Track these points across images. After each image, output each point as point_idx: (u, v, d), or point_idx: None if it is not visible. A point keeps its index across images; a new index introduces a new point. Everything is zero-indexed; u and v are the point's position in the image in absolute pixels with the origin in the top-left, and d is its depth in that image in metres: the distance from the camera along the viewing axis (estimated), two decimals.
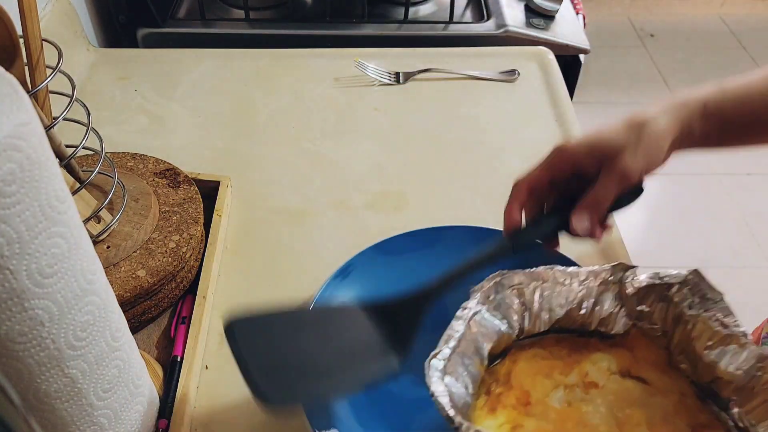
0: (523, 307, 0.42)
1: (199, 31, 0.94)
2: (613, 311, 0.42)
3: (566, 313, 0.42)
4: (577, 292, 0.42)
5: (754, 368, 0.36)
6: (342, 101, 0.81)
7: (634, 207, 0.46)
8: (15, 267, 0.29)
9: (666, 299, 0.40)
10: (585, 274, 0.42)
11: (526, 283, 0.43)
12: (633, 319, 0.42)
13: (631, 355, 0.41)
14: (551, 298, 0.42)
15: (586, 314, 0.42)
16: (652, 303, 0.41)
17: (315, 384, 0.40)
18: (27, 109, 0.29)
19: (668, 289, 0.41)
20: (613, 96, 2.31)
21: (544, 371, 0.41)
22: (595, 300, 0.42)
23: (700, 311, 0.39)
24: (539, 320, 0.42)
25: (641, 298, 0.41)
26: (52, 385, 0.35)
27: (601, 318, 0.42)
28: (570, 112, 0.79)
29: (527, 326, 0.42)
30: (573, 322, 0.43)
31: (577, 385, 0.40)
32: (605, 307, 0.42)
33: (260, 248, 0.63)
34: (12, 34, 0.43)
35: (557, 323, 0.43)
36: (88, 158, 0.60)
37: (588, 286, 0.42)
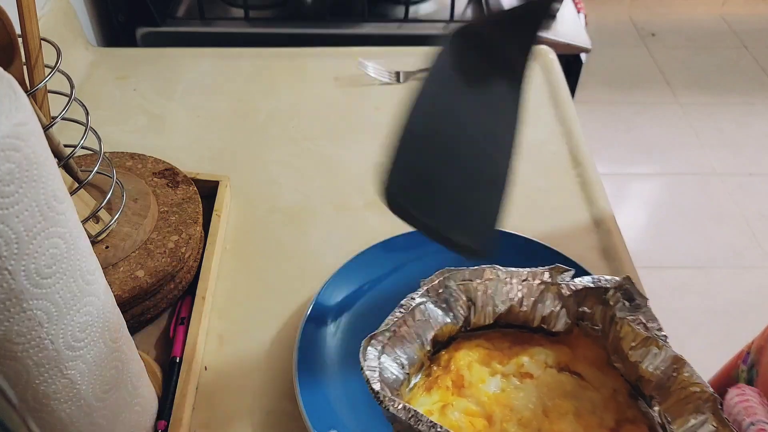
0: (469, 302, 0.45)
1: (199, 30, 0.94)
2: (554, 310, 0.45)
3: (509, 309, 0.45)
4: (517, 290, 0.45)
5: (670, 369, 0.39)
6: (342, 101, 0.80)
7: (633, 205, 0.45)
8: (13, 267, 0.29)
9: (604, 302, 0.43)
10: (525, 274, 0.45)
11: (471, 279, 0.45)
12: (575, 319, 0.44)
13: (571, 352, 0.44)
14: (494, 295, 0.45)
15: (527, 311, 0.45)
16: (592, 305, 0.44)
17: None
18: (25, 109, 0.29)
19: (605, 293, 0.43)
20: (615, 95, 2.31)
21: (483, 359, 0.43)
22: (536, 299, 0.45)
23: (627, 314, 0.42)
24: (484, 314, 0.45)
25: (582, 299, 0.44)
26: (51, 386, 0.35)
27: (543, 315, 0.45)
28: (571, 111, 0.79)
29: (473, 319, 0.45)
30: (516, 318, 0.45)
31: (513, 375, 0.43)
32: (546, 305, 0.45)
33: (260, 248, 0.63)
34: (11, 33, 0.43)
35: (502, 318, 0.45)
36: (86, 158, 0.60)
37: (528, 284, 0.45)
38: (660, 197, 1.95)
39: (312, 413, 0.47)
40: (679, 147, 2.10)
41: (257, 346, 0.55)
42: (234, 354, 0.54)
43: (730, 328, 1.58)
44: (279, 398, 0.51)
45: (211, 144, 0.74)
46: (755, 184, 1.98)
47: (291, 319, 0.56)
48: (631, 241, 0.63)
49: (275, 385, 0.52)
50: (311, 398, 0.48)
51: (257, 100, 0.80)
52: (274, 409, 0.51)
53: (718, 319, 1.61)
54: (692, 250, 1.78)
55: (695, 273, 1.72)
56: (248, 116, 0.78)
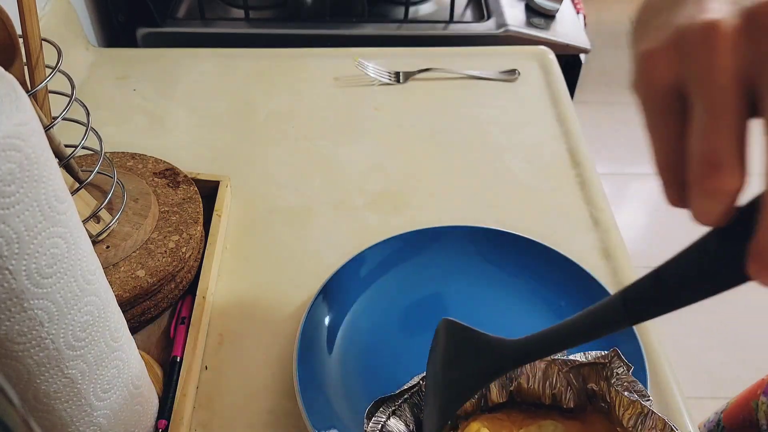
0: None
1: (199, 30, 0.94)
2: (561, 387, 0.45)
3: (519, 386, 0.46)
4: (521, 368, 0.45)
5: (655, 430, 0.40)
6: (342, 101, 0.80)
7: (632, 205, 0.44)
8: (14, 267, 0.29)
9: (606, 378, 0.44)
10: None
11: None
12: (586, 396, 0.45)
13: (584, 427, 0.44)
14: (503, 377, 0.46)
15: (536, 388, 0.45)
16: (598, 381, 0.44)
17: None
18: (26, 109, 0.29)
19: (603, 368, 0.44)
20: (614, 96, 2.31)
21: (494, 428, 0.44)
22: (541, 376, 0.45)
23: (617, 384, 0.42)
24: (497, 391, 0.46)
25: (586, 376, 0.45)
26: (52, 386, 0.35)
27: (552, 393, 0.45)
28: (570, 111, 0.79)
29: (490, 396, 0.46)
30: (529, 394, 0.46)
31: None
32: (553, 383, 0.45)
33: (260, 248, 0.63)
34: (11, 33, 0.43)
35: (517, 396, 0.46)
36: (87, 158, 0.60)
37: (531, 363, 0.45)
38: (659, 197, 1.95)
39: (312, 413, 0.47)
40: None
41: (257, 346, 0.55)
42: (234, 354, 0.54)
43: (729, 328, 1.59)
44: (279, 398, 0.51)
45: (212, 144, 0.74)
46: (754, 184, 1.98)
47: (291, 319, 0.56)
48: (630, 241, 0.63)
49: (275, 385, 0.52)
50: (311, 398, 0.48)
51: (257, 100, 0.80)
52: (274, 408, 0.51)
53: (718, 318, 1.61)
54: None
55: None
56: (248, 116, 0.78)
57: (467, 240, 0.61)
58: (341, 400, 0.50)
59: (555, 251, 0.59)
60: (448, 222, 0.63)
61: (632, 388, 0.41)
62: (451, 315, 0.49)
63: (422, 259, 0.60)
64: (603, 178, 0.70)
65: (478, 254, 0.60)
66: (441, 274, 0.59)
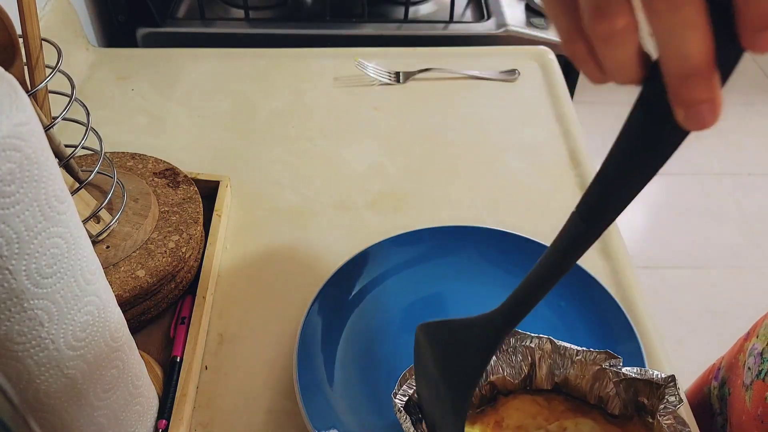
0: (531, 362, 0.46)
1: (199, 30, 0.94)
2: (610, 393, 0.45)
3: (565, 380, 0.45)
4: (570, 365, 0.45)
5: None
6: (342, 101, 0.80)
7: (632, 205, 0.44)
8: (14, 267, 0.29)
9: (659, 397, 0.43)
10: (577, 352, 0.45)
11: (532, 345, 0.46)
12: (633, 407, 0.44)
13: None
14: (552, 363, 0.46)
15: (583, 386, 0.45)
16: (650, 397, 0.43)
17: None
18: (26, 109, 0.29)
19: (659, 388, 0.43)
20: (614, 96, 2.31)
21: (531, 412, 0.44)
22: (591, 378, 0.45)
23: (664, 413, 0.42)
24: (543, 377, 0.46)
25: (637, 390, 0.44)
26: (52, 386, 0.35)
27: (599, 395, 0.45)
28: (571, 111, 0.79)
29: (535, 379, 0.46)
30: (575, 390, 0.46)
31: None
32: (602, 386, 0.45)
33: (260, 248, 0.63)
34: (11, 33, 0.43)
35: (562, 387, 0.46)
36: (87, 158, 0.60)
37: (581, 363, 0.45)
38: (659, 197, 1.95)
39: (312, 413, 0.47)
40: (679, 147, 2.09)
41: (257, 346, 0.55)
42: (234, 354, 0.54)
43: (729, 328, 1.58)
44: (279, 398, 0.51)
45: (212, 144, 0.74)
46: (755, 184, 1.98)
47: (291, 319, 0.56)
48: (630, 240, 0.63)
49: (275, 385, 0.52)
50: (311, 398, 0.48)
51: (257, 100, 0.80)
52: (274, 408, 0.51)
53: (718, 319, 1.61)
54: (692, 250, 1.78)
55: (694, 273, 1.72)
56: (248, 116, 0.78)
57: (467, 240, 0.61)
58: (341, 400, 0.50)
59: None
60: (448, 222, 0.63)
61: (677, 427, 0.40)
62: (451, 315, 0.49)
63: (422, 259, 0.60)
64: None
65: (478, 254, 0.60)
66: (441, 274, 0.59)
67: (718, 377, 0.57)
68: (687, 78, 0.22)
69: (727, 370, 0.56)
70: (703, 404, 0.59)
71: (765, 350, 0.50)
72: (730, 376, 0.55)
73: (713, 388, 0.58)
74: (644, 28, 0.23)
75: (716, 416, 0.56)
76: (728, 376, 0.55)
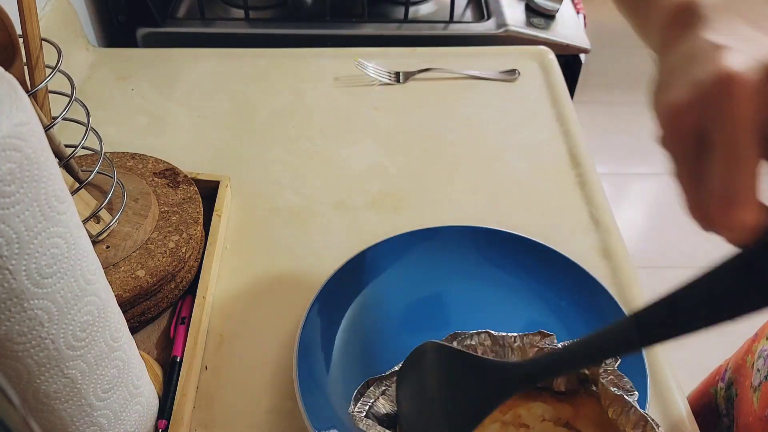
0: None
1: (199, 30, 0.94)
2: None
3: None
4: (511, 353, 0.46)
5: (638, 426, 0.40)
6: (342, 101, 0.80)
7: (632, 205, 0.44)
8: (14, 267, 0.29)
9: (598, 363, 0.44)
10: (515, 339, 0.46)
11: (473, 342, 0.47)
12: (576, 382, 0.45)
13: (574, 410, 0.45)
14: (496, 358, 0.46)
15: None
16: (590, 367, 0.44)
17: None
18: (26, 109, 0.29)
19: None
20: (614, 96, 2.31)
21: None
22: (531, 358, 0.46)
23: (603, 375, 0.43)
24: None
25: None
26: (52, 386, 0.35)
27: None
28: (570, 111, 0.79)
29: None
30: None
31: (512, 424, 0.44)
32: None
33: (260, 248, 0.63)
34: (11, 33, 0.43)
35: None
36: (87, 158, 0.60)
37: (521, 348, 0.46)
38: (659, 197, 1.95)
39: (312, 413, 0.47)
40: None
41: (257, 346, 0.55)
42: (234, 354, 0.54)
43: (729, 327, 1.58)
44: (279, 398, 0.51)
45: (212, 144, 0.74)
46: None
47: (291, 319, 0.56)
48: (630, 241, 0.63)
49: (275, 385, 0.52)
50: (311, 398, 0.48)
51: (257, 100, 0.80)
52: (274, 408, 0.51)
53: None
54: (692, 250, 1.78)
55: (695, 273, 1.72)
56: (248, 116, 0.78)
57: (467, 240, 0.61)
58: (341, 400, 0.50)
59: (555, 251, 0.59)
60: (448, 222, 0.63)
61: (619, 383, 0.42)
62: (451, 315, 0.49)
63: (422, 259, 0.60)
64: (603, 178, 0.70)
65: (478, 254, 0.60)
66: (441, 274, 0.59)
67: (724, 378, 0.57)
68: None
69: (734, 372, 0.56)
70: (710, 405, 0.59)
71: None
72: (737, 377, 0.55)
73: (720, 390, 0.58)
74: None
75: (722, 417, 0.56)
76: (735, 377, 0.55)
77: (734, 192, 0.25)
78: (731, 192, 0.25)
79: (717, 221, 0.27)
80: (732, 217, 0.26)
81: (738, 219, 0.26)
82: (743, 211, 0.25)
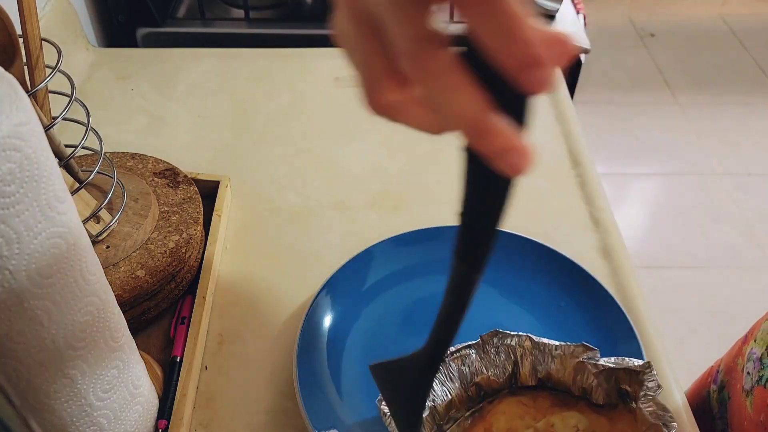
0: (514, 360, 0.47)
1: (199, 30, 0.94)
2: (592, 384, 0.45)
3: (548, 375, 0.46)
4: (550, 360, 0.46)
5: None
6: (342, 101, 0.80)
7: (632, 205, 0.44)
8: (14, 267, 0.29)
9: (640, 383, 0.43)
10: (557, 347, 0.46)
11: (513, 344, 0.47)
12: (617, 395, 0.45)
13: (610, 424, 0.44)
14: (534, 360, 0.47)
15: (566, 380, 0.46)
16: (632, 384, 0.44)
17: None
18: (26, 109, 0.29)
19: (638, 374, 0.44)
20: (614, 96, 2.31)
21: (518, 413, 0.45)
22: (573, 370, 0.46)
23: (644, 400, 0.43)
24: (527, 374, 0.47)
25: (619, 379, 0.45)
26: (52, 386, 0.35)
27: (583, 387, 0.46)
28: (570, 111, 0.79)
29: (519, 376, 0.47)
30: (559, 383, 0.46)
31: (545, 431, 0.44)
32: (584, 377, 0.46)
33: (260, 248, 0.63)
34: (11, 33, 0.43)
35: (547, 381, 0.46)
36: (87, 158, 0.60)
37: (561, 357, 0.46)
38: (659, 197, 1.95)
39: (312, 413, 0.47)
40: (679, 147, 2.10)
41: (257, 346, 0.55)
42: (234, 354, 0.54)
43: (729, 328, 1.58)
44: (279, 398, 0.51)
45: (212, 144, 0.74)
46: (754, 183, 1.98)
47: (291, 319, 0.56)
48: (630, 240, 0.63)
49: (275, 385, 0.52)
50: (311, 398, 0.48)
51: (257, 100, 0.80)
52: (274, 408, 0.51)
53: (718, 319, 1.61)
54: (692, 250, 1.78)
55: (695, 273, 1.72)
56: (248, 116, 0.78)
57: None
58: (341, 400, 0.50)
59: (555, 251, 0.59)
60: (448, 222, 0.63)
61: (659, 413, 0.41)
62: None
63: (422, 258, 0.60)
64: (603, 178, 0.70)
65: None
66: (441, 274, 0.59)
67: (717, 380, 0.57)
68: (478, 135, 0.24)
69: (726, 374, 0.56)
70: (703, 407, 0.58)
71: (764, 355, 0.50)
72: (728, 380, 0.55)
73: (712, 392, 0.57)
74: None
75: (716, 420, 0.55)
76: (727, 380, 0.55)
77: (415, 36, 0.25)
78: (413, 38, 0.25)
79: (417, 79, 0.25)
80: (425, 60, 0.24)
81: (429, 63, 0.24)
82: (431, 53, 0.24)
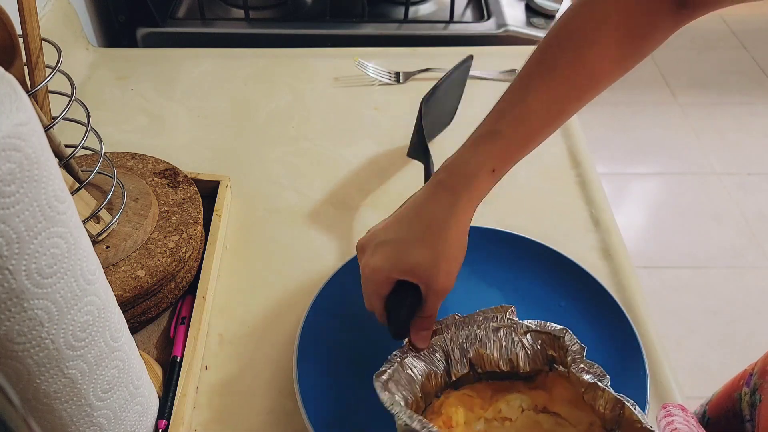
0: (444, 354, 0.49)
1: (199, 30, 0.94)
2: (517, 351, 0.48)
3: (478, 353, 0.48)
4: (476, 333, 0.49)
5: (616, 409, 0.43)
6: (342, 101, 0.80)
7: (632, 205, 0.46)
8: (14, 267, 0.29)
9: (562, 347, 0.46)
10: (480, 318, 0.49)
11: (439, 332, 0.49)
12: (545, 361, 0.48)
13: (547, 394, 0.47)
14: (462, 341, 0.49)
15: (493, 355, 0.48)
16: (557, 349, 0.47)
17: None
18: (26, 109, 0.29)
19: (559, 340, 0.46)
20: (614, 96, 2.31)
21: (468, 405, 0.48)
22: (497, 341, 0.48)
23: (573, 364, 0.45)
24: (459, 363, 0.49)
25: (544, 343, 0.47)
26: (52, 386, 0.35)
27: (509, 358, 0.48)
28: None
29: (452, 370, 0.49)
30: (489, 363, 0.49)
31: (495, 419, 0.47)
32: (508, 346, 0.48)
33: (260, 248, 0.63)
34: (11, 33, 0.43)
35: (477, 365, 0.49)
36: (87, 158, 0.60)
37: (485, 326, 0.49)
38: (659, 197, 1.95)
39: (312, 413, 0.47)
40: (679, 147, 2.10)
41: (257, 346, 0.55)
42: (234, 354, 0.54)
43: (729, 328, 1.59)
44: (279, 397, 0.51)
45: (212, 144, 0.74)
46: (754, 183, 1.98)
47: (291, 319, 0.56)
48: (630, 240, 0.63)
49: (275, 385, 0.52)
50: (311, 398, 0.48)
51: (257, 100, 0.80)
52: (274, 408, 0.51)
53: (718, 319, 1.61)
54: (692, 250, 1.78)
55: (695, 273, 1.72)
56: (248, 116, 0.78)
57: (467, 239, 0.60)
58: (341, 400, 0.50)
59: (555, 251, 0.59)
60: None
61: (590, 370, 0.44)
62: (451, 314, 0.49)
63: None
64: (603, 178, 0.70)
65: (479, 254, 0.60)
66: None
67: (749, 383, 0.56)
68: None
69: (760, 377, 0.55)
70: (734, 410, 0.58)
71: None
72: (762, 383, 0.54)
73: (744, 394, 0.57)
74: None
75: (746, 423, 0.55)
76: (760, 383, 0.54)
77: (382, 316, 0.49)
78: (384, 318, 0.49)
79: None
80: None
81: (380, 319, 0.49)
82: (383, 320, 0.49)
